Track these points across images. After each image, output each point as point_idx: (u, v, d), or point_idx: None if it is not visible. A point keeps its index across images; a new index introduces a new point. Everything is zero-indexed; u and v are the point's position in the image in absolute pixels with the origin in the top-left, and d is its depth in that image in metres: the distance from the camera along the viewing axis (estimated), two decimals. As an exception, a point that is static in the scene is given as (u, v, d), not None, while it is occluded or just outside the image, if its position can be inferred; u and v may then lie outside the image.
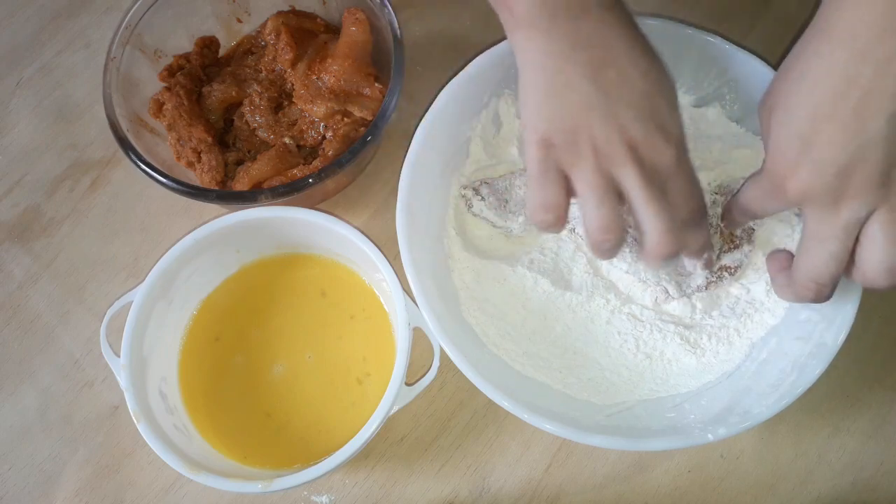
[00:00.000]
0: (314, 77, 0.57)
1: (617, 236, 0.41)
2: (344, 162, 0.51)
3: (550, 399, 0.50)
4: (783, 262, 0.46)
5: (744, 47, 0.55)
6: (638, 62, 0.40)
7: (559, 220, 0.42)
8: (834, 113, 0.36)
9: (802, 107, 0.37)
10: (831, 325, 0.48)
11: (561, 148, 0.40)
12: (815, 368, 0.47)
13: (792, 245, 0.52)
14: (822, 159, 0.36)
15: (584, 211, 0.41)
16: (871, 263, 0.38)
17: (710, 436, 0.46)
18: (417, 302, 0.48)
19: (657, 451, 0.49)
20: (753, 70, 0.55)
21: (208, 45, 0.60)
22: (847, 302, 0.48)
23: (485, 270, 0.53)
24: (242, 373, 0.52)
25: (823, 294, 0.41)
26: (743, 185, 0.46)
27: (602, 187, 0.40)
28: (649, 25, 0.55)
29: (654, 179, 0.40)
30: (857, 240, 0.39)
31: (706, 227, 0.45)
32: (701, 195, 0.43)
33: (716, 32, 0.55)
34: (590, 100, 0.39)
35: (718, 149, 0.56)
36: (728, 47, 0.55)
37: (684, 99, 0.58)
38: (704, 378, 0.51)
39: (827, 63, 0.36)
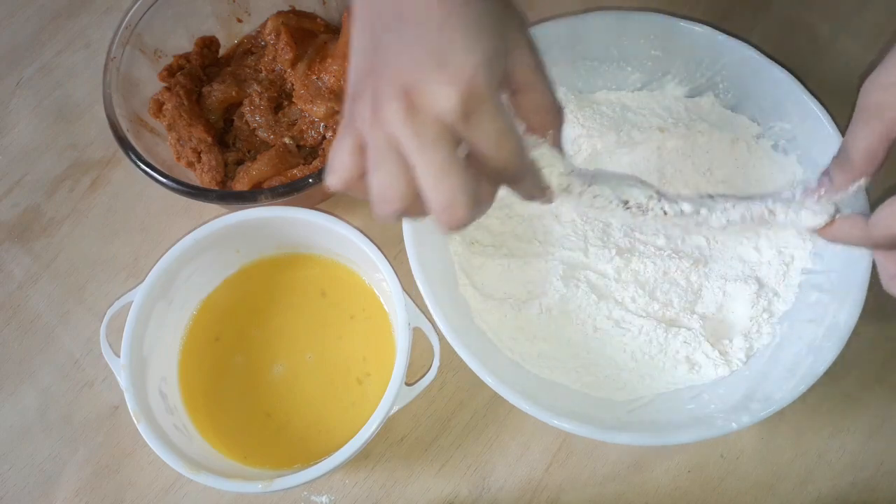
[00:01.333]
0: (314, 77, 0.57)
1: (393, 206, 0.35)
2: (344, 162, 0.51)
3: (570, 399, 0.50)
4: None
5: (735, 36, 0.55)
6: None
7: (345, 182, 0.37)
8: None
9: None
10: (843, 305, 0.49)
11: (354, 98, 0.36)
12: (832, 350, 0.47)
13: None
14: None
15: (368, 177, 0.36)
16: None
17: (733, 424, 0.46)
18: (431, 311, 0.48)
19: (683, 443, 0.48)
20: (745, 58, 0.55)
21: (208, 45, 0.60)
22: (856, 280, 0.49)
23: (492, 268, 0.54)
24: (242, 373, 0.52)
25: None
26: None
27: (377, 147, 0.35)
28: (640, 19, 0.56)
29: (429, 134, 0.34)
30: None
31: (525, 175, 0.38)
32: (506, 148, 0.36)
33: (706, 23, 0.56)
34: (380, 39, 0.35)
35: (706, 139, 0.57)
36: (719, 37, 0.56)
37: (678, 90, 0.59)
38: (720, 368, 0.51)
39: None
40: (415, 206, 0.35)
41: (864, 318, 0.48)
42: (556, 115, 0.40)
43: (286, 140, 0.56)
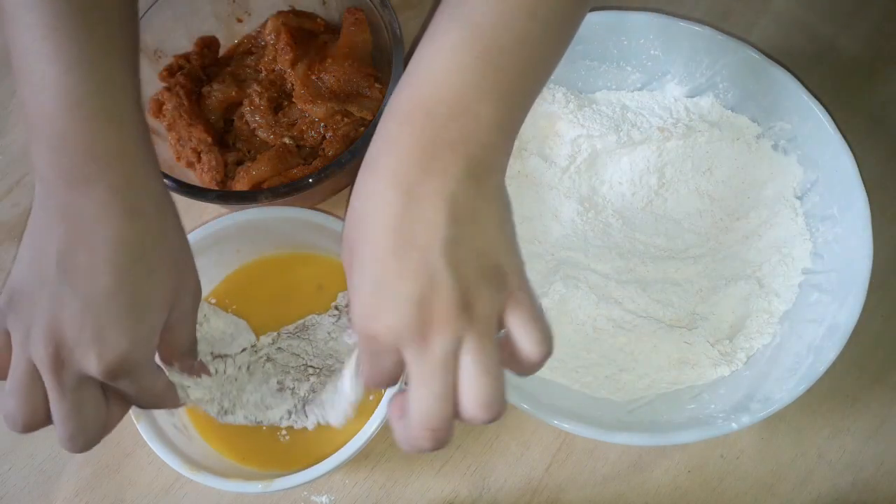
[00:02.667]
0: (314, 77, 0.57)
1: (20, 429, 0.38)
2: (344, 162, 0.51)
3: (570, 399, 0.50)
4: (403, 408, 0.37)
5: (735, 36, 0.56)
6: (118, 258, 0.37)
7: None
8: (396, 249, 0.34)
9: (369, 249, 0.35)
10: (843, 305, 0.49)
11: (12, 308, 0.38)
12: (832, 350, 0.48)
13: (801, 245, 0.53)
14: (398, 295, 0.33)
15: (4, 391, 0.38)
16: (468, 398, 0.34)
17: (734, 424, 0.46)
18: None
19: (683, 443, 0.49)
20: (745, 58, 0.55)
21: (208, 45, 0.60)
22: (856, 280, 0.49)
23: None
24: (242, 373, 0.52)
25: (441, 439, 0.35)
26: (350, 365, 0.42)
27: (21, 374, 0.37)
28: (640, 19, 0.56)
29: (70, 383, 0.37)
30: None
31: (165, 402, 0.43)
32: (153, 401, 0.42)
33: (705, 23, 0.56)
34: (47, 274, 0.36)
35: (706, 139, 0.57)
36: (719, 37, 0.56)
37: (678, 90, 0.59)
38: (720, 368, 0.51)
39: (380, 201, 0.34)
40: (42, 426, 0.38)
41: (865, 318, 0.48)
42: (187, 353, 0.44)
43: (286, 140, 0.56)
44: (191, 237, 0.50)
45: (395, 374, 0.36)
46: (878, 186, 0.55)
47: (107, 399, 0.39)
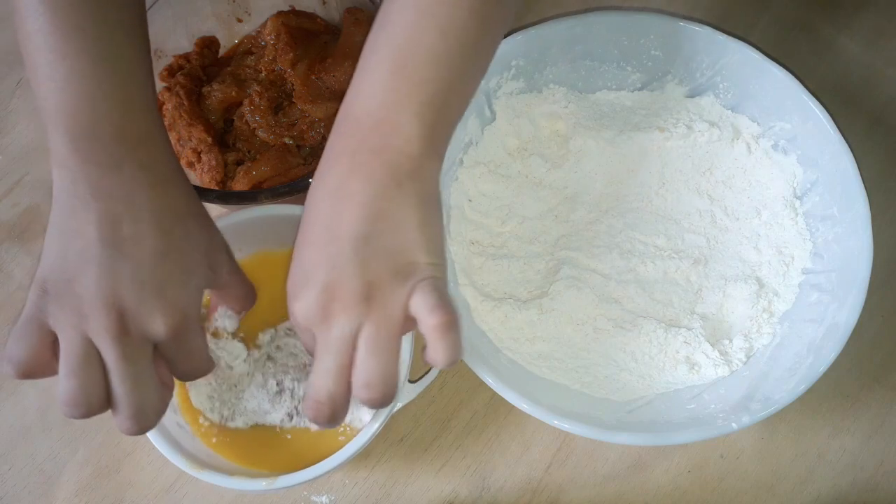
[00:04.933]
0: (314, 77, 0.57)
1: (83, 411, 0.37)
2: (344, 162, 0.51)
3: (571, 400, 0.50)
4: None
5: (735, 36, 0.56)
6: (160, 223, 0.39)
7: (25, 376, 0.38)
8: (321, 239, 0.38)
9: (302, 239, 0.40)
10: (843, 305, 0.49)
11: (52, 297, 0.38)
12: (832, 350, 0.48)
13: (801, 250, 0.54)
14: (313, 280, 0.38)
15: (59, 375, 0.38)
16: (355, 377, 0.38)
17: (734, 424, 0.46)
18: None
19: (683, 443, 0.49)
20: (745, 58, 0.56)
21: (208, 45, 0.60)
22: (856, 280, 0.49)
23: (492, 268, 0.54)
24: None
25: (323, 413, 0.38)
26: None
27: (77, 353, 0.37)
28: (640, 19, 0.57)
29: (135, 351, 0.38)
30: None
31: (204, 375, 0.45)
32: (198, 363, 0.43)
33: (705, 23, 0.56)
34: (92, 251, 0.38)
35: (706, 139, 0.57)
36: (719, 37, 0.56)
37: (678, 90, 0.59)
38: (720, 368, 0.51)
39: (316, 202, 0.39)
40: (99, 411, 0.38)
41: (865, 318, 0.48)
42: (250, 299, 0.48)
43: (286, 140, 0.56)
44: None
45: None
46: (878, 186, 0.56)
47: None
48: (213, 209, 0.56)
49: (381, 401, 0.38)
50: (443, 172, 0.54)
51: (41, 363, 0.38)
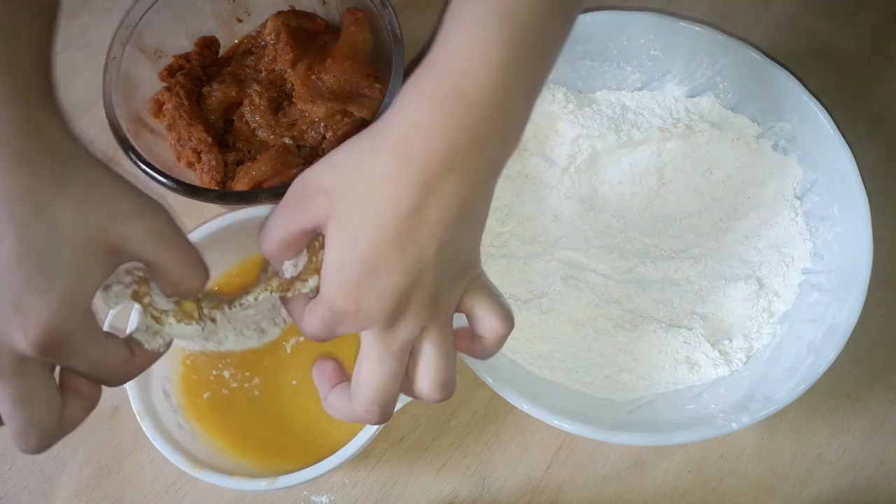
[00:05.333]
0: (314, 77, 0.57)
1: None
2: (344, 162, 0.51)
3: (570, 399, 0.50)
4: (333, 377, 0.41)
5: (735, 36, 0.56)
6: (16, 214, 0.32)
7: None
8: (398, 240, 0.34)
9: (369, 227, 0.34)
10: (843, 305, 0.49)
11: None
12: (832, 350, 0.48)
13: (799, 249, 0.53)
14: (388, 284, 0.34)
15: None
16: (427, 379, 0.37)
17: (734, 424, 0.46)
18: None
19: (683, 443, 0.49)
20: (745, 58, 0.56)
21: (208, 45, 0.60)
22: (856, 280, 0.49)
23: (492, 268, 0.54)
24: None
25: (387, 415, 0.38)
26: (292, 311, 0.40)
27: None
28: (640, 19, 0.57)
29: (8, 370, 0.33)
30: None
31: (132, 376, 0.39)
32: (110, 364, 0.36)
33: (705, 23, 0.56)
34: None
35: (706, 139, 0.57)
36: (719, 37, 0.56)
37: (678, 90, 0.59)
38: (720, 368, 0.51)
39: (395, 188, 0.34)
40: None
41: (865, 318, 0.48)
42: (193, 281, 0.38)
43: (286, 140, 0.56)
44: (191, 237, 0.50)
45: (334, 338, 0.38)
46: (878, 186, 0.55)
47: (62, 391, 0.36)
48: (213, 209, 0.56)
49: (448, 398, 0.38)
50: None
51: None
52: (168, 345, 0.40)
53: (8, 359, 0.33)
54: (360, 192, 0.35)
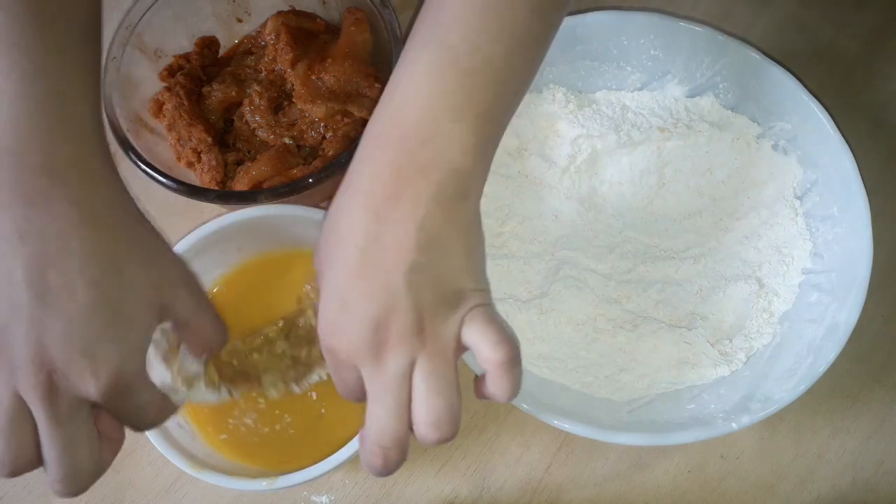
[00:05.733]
0: (314, 77, 0.57)
1: (11, 470, 0.35)
2: (344, 162, 0.51)
3: (571, 400, 0.50)
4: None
5: (735, 36, 0.56)
6: (89, 270, 0.35)
7: None
8: (363, 269, 0.35)
9: (339, 265, 0.36)
10: (843, 305, 0.49)
11: None
12: (832, 350, 0.48)
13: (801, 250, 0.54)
14: (359, 315, 0.35)
15: None
16: (418, 416, 0.35)
17: (733, 424, 0.46)
18: None
19: (683, 443, 0.49)
20: (745, 58, 0.56)
21: (208, 45, 0.60)
22: (856, 280, 0.49)
23: (492, 268, 0.54)
24: (242, 373, 0.52)
25: (392, 459, 0.36)
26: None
27: (7, 410, 0.35)
28: (640, 19, 0.57)
29: (65, 411, 0.35)
30: None
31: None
32: (149, 418, 0.39)
33: (705, 23, 0.56)
34: (21, 301, 0.34)
35: (706, 139, 0.57)
36: (719, 37, 0.56)
37: (678, 90, 0.59)
38: (720, 368, 0.51)
39: (353, 222, 0.36)
40: (28, 470, 0.36)
41: (865, 318, 0.48)
42: (217, 339, 0.42)
43: (286, 140, 0.56)
44: (191, 237, 0.50)
45: (356, 388, 0.38)
46: (878, 186, 0.56)
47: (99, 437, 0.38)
48: (213, 209, 0.56)
49: (451, 438, 0.36)
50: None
51: None
52: (184, 401, 0.43)
53: (67, 404, 0.35)
54: (330, 233, 0.37)
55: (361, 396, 0.38)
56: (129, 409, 0.38)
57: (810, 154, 0.55)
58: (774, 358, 0.50)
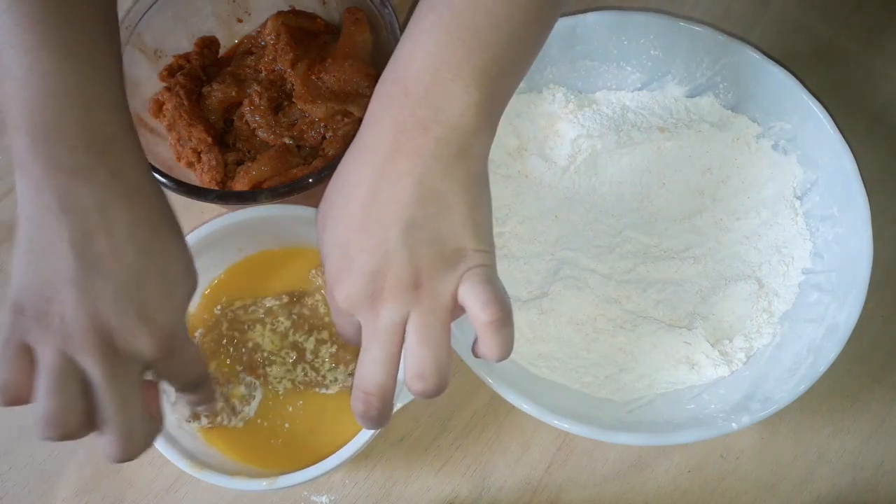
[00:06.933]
0: (314, 77, 0.57)
1: (61, 432, 0.35)
2: (344, 162, 0.51)
3: (570, 399, 0.50)
4: None
5: (735, 36, 0.56)
6: (137, 236, 0.37)
7: (12, 401, 0.36)
8: (363, 222, 0.36)
9: (342, 218, 0.38)
10: (843, 305, 0.49)
11: (29, 317, 0.36)
12: (832, 350, 0.48)
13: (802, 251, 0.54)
14: (358, 266, 0.36)
15: (37, 396, 0.36)
16: (406, 367, 0.36)
17: (733, 424, 0.46)
18: None
19: (683, 443, 0.49)
20: (745, 58, 0.56)
21: (208, 45, 0.60)
22: (856, 280, 0.49)
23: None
24: (242, 373, 0.52)
25: (373, 406, 0.37)
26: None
27: (58, 372, 0.35)
28: (640, 19, 0.57)
29: (122, 371, 0.36)
30: None
31: (205, 387, 0.44)
32: (195, 370, 0.42)
33: (705, 23, 0.56)
34: (69, 270, 0.35)
35: (706, 139, 0.57)
36: (719, 37, 0.56)
37: (678, 90, 0.59)
38: (720, 368, 0.51)
39: (357, 176, 0.37)
40: (78, 435, 0.36)
41: (865, 318, 0.48)
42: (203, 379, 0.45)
43: (286, 140, 0.56)
44: (192, 236, 0.50)
45: (354, 335, 0.40)
46: (878, 186, 0.56)
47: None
48: (213, 209, 0.56)
49: (435, 391, 0.36)
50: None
51: (26, 385, 0.36)
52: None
53: (126, 362, 0.37)
54: (334, 187, 0.39)
55: (358, 341, 0.39)
56: (177, 365, 0.40)
57: (810, 154, 0.55)
58: (774, 358, 0.50)
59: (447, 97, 0.36)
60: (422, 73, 0.36)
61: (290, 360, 0.50)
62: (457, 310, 0.37)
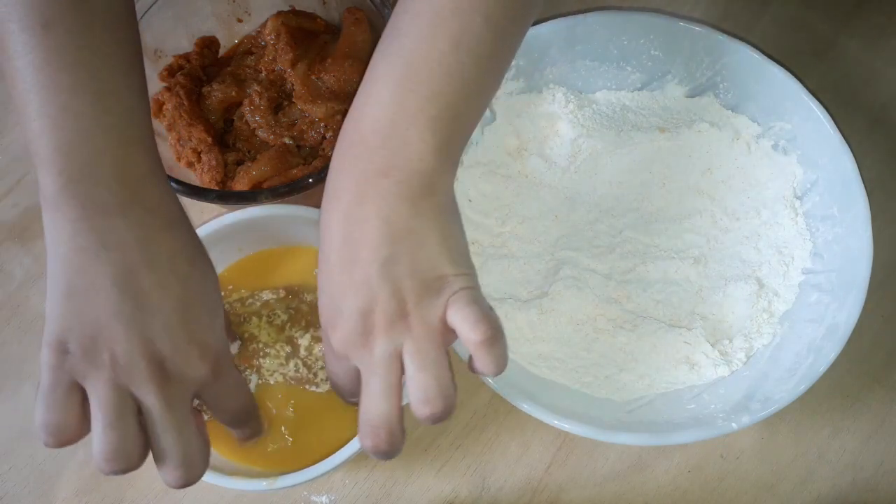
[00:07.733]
0: (314, 77, 0.57)
1: (124, 465, 0.36)
2: (344, 162, 0.51)
3: (570, 399, 0.50)
4: None
5: (735, 36, 0.56)
6: (178, 268, 0.38)
7: (64, 443, 0.36)
8: (343, 268, 0.38)
9: (324, 267, 0.39)
10: (843, 305, 0.49)
11: (77, 356, 0.36)
12: (832, 350, 0.48)
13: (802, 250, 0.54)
14: (346, 308, 0.37)
15: (94, 432, 0.36)
16: (411, 397, 0.37)
17: (733, 424, 0.46)
18: None
19: (683, 443, 0.49)
20: (745, 58, 0.56)
21: (208, 45, 0.60)
22: (856, 280, 0.49)
23: (492, 268, 0.54)
24: (242, 373, 0.52)
25: (382, 439, 0.37)
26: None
27: (115, 406, 0.36)
28: (640, 19, 0.57)
29: (177, 398, 0.38)
30: None
31: (254, 418, 0.45)
32: (243, 396, 0.43)
33: (705, 23, 0.56)
34: (116, 306, 0.36)
35: (706, 139, 0.57)
36: (719, 37, 0.56)
37: (678, 90, 0.59)
38: (720, 368, 0.51)
39: (328, 225, 0.39)
40: (137, 465, 0.37)
41: (865, 318, 0.48)
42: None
43: (286, 140, 0.56)
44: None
45: (347, 384, 0.41)
46: (878, 186, 0.56)
47: None
48: (213, 209, 0.56)
49: (443, 413, 0.37)
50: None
51: (78, 425, 0.36)
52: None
53: (180, 390, 0.38)
54: (320, 236, 0.40)
55: (350, 390, 0.41)
56: (224, 388, 0.41)
57: (810, 154, 0.55)
58: (774, 358, 0.50)
59: (404, 145, 0.37)
60: (378, 123, 0.37)
61: (284, 354, 0.50)
62: (448, 334, 0.38)
